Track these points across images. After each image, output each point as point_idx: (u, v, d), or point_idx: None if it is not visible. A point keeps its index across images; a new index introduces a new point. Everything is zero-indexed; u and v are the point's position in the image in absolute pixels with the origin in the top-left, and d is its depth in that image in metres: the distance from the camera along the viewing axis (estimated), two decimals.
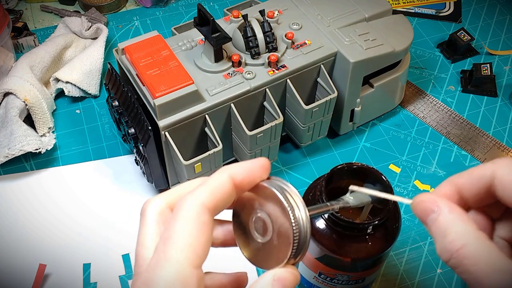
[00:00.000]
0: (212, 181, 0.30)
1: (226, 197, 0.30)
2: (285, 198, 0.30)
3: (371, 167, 0.46)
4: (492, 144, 0.72)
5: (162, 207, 0.31)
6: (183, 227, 0.28)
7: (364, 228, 0.44)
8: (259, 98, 0.61)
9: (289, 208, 0.30)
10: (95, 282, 0.59)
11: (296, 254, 0.30)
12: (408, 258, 0.61)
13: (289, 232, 0.30)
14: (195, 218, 0.28)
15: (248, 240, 0.33)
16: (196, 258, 0.28)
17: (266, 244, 0.32)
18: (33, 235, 0.62)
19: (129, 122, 0.58)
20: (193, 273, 0.28)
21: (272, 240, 0.31)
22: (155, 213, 0.31)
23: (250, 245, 0.32)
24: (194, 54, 0.61)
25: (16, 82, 0.69)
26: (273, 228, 0.31)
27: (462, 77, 0.79)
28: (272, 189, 0.31)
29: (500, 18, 0.88)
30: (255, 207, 0.32)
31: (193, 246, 0.28)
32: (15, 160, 0.68)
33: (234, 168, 0.31)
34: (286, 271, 0.30)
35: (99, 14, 0.86)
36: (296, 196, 0.31)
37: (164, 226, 0.31)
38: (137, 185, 0.67)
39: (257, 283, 0.30)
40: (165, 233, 0.29)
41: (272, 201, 0.31)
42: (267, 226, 0.31)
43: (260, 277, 0.30)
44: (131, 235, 0.62)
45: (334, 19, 0.65)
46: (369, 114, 0.72)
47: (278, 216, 0.31)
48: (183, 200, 0.29)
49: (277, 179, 0.32)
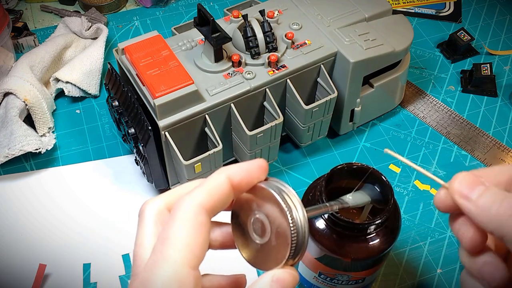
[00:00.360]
0: (209, 182, 0.30)
1: (223, 198, 0.30)
2: (283, 198, 0.30)
3: (371, 167, 0.46)
4: (492, 144, 0.72)
5: (161, 208, 0.32)
6: (180, 228, 0.28)
7: (364, 228, 0.44)
8: (259, 98, 0.61)
9: (287, 209, 0.30)
10: (95, 282, 0.59)
11: (295, 254, 0.30)
12: (408, 258, 0.61)
13: (287, 233, 0.30)
14: (193, 218, 0.29)
15: (246, 241, 0.33)
16: (194, 258, 0.28)
17: (264, 245, 0.32)
18: (33, 235, 0.62)
19: (129, 122, 0.58)
20: (190, 273, 0.28)
21: (271, 241, 0.31)
22: (153, 214, 0.31)
23: (249, 246, 0.33)
24: (194, 54, 0.61)
25: (16, 82, 0.69)
26: (271, 229, 0.31)
27: (462, 77, 0.79)
28: (270, 190, 0.31)
29: (500, 18, 0.88)
30: (253, 208, 0.32)
31: (190, 246, 0.28)
32: (15, 160, 0.68)
33: (232, 169, 0.31)
34: (285, 271, 0.30)
35: (99, 14, 0.86)
36: (294, 197, 0.31)
37: (162, 227, 0.31)
38: (137, 185, 0.67)
39: (256, 284, 0.30)
40: (163, 234, 0.29)
41: (270, 202, 0.31)
42: (265, 227, 0.31)
43: (259, 278, 0.30)
44: (131, 235, 0.62)
45: (334, 19, 0.65)
46: (369, 114, 0.72)
47: (276, 217, 0.31)
48: (180, 200, 0.29)
49: (275, 180, 0.32)
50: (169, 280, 0.27)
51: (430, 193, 0.66)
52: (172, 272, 0.27)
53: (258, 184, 0.32)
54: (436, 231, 0.63)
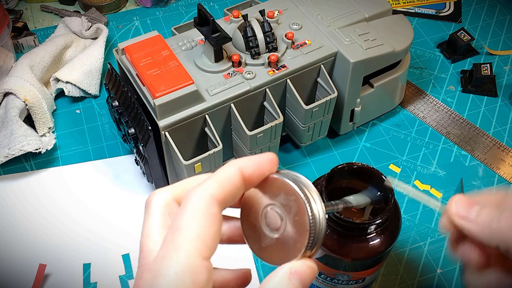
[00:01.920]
0: (220, 174, 0.30)
1: (235, 190, 0.30)
2: (299, 186, 0.30)
3: (371, 167, 0.46)
4: (492, 144, 0.72)
5: (168, 199, 0.31)
6: (192, 218, 0.28)
7: (364, 228, 0.44)
8: (259, 98, 0.61)
9: (303, 195, 0.30)
10: (95, 282, 0.59)
11: (313, 244, 0.30)
12: (408, 258, 0.61)
13: (305, 220, 0.29)
14: (205, 209, 0.28)
15: (258, 237, 0.32)
16: (206, 249, 0.27)
17: (279, 238, 0.31)
18: (33, 235, 0.62)
19: (129, 122, 0.58)
20: (203, 264, 0.27)
21: (287, 232, 0.31)
22: (161, 205, 0.31)
23: (261, 241, 0.32)
24: (194, 54, 0.61)
25: (16, 82, 0.69)
26: (287, 219, 0.30)
27: (462, 77, 0.79)
28: (284, 179, 0.30)
29: (500, 18, 0.88)
30: (265, 201, 0.31)
31: (202, 237, 0.27)
32: (15, 160, 0.68)
33: (243, 161, 0.30)
34: (303, 263, 0.30)
35: (99, 14, 0.86)
36: (308, 184, 0.31)
37: (170, 218, 0.30)
38: (137, 185, 0.67)
39: (273, 277, 0.29)
40: (174, 224, 0.28)
41: (285, 191, 0.30)
42: (280, 219, 0.31)
43: (275, 271, 0.30)
44: (131, 235, 0.63)
45: (334, 19, 0.65)
46: (369, 114, 0.72)
47: (292, 205, 0.30)
48: (192, 191, 0.29)
49: (287, 171, 0.31)
50: (182, 270, 0.26)
51: (430, 193, 0.66)
52: (184, 262, 0.27)
53: (270, 176, 0.31)
54: (436, 231, 0.63)
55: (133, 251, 0.61)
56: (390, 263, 0.61)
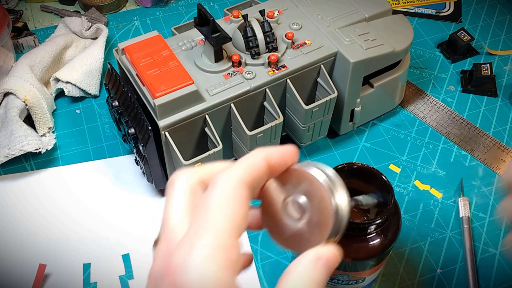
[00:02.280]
0: (248, 159, 0.30)
1: (261, 176, 0.30)
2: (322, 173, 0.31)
3: (371, 167, 0.46)
4: (492, 144, 0.72)
5: (194, 180, 0.31)
6: (221, 199, 0.28)
7: (364, 228, 0.44)
8: (259, 98, 0.61)
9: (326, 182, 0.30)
10: (95, 282, 0.59)
11: (337, 230, 0.30)
12: (408, 258, 0.61)
13: (329, 206, 0.30)
14: (233, 192, 0.28)
15: (280, 226, 0.32)
16: (236, 229, 0.28)
17: (303, 226, 0.31)
18: (33, 235, 0.62)
19: (129, 122, 0.58)
20: (234, 242, 0.27)
21: (310, 220, 0.31)
22: (186, 185, 0.31)
23: (283, 230, 0.32)
24: (194, 54, 0.61)
25: (16, 82, 0.69)
26: (311, 207, 0.31)
27: (462, 77, 0.79)
28: (306, 168, 0.31)
29: (500, 18, 0.88)
30: (287, 191, 0.32)
31: (233, 217, 0.28)
32: (15, 160, 0.68)
33: (269, 150, 0.31)
34: (328, 249, 0.30)
35: (99, 14, 0.86)
36: (330, 171, 0.31)
37: (195, 199, 0.30)
38: (137, 185, 0.67)
39: (298, 264, 0.30)
40: (203, 205, 0.28)
41: (307, 180, 0.31)
42: (303, 206, 0.31)
43: (300, 257, 0.30)
44: (131, 235, 0.63)
45: (334, 19, 0.65)
46: (369, 114, 0.72)
47: (315, 193, 0.31)
48: (220, 174, 0.29)
49: (305, 162, 0.32)
50: (215, 246, 0.27)
51: (430, 193, 0.66)
52: (218, 238, 0.27)
53: (291, 167, 0.32)
54: (436, 231, 0.63)
55: (133, 251, 0.61)
56: (390, 263, 0.61)
